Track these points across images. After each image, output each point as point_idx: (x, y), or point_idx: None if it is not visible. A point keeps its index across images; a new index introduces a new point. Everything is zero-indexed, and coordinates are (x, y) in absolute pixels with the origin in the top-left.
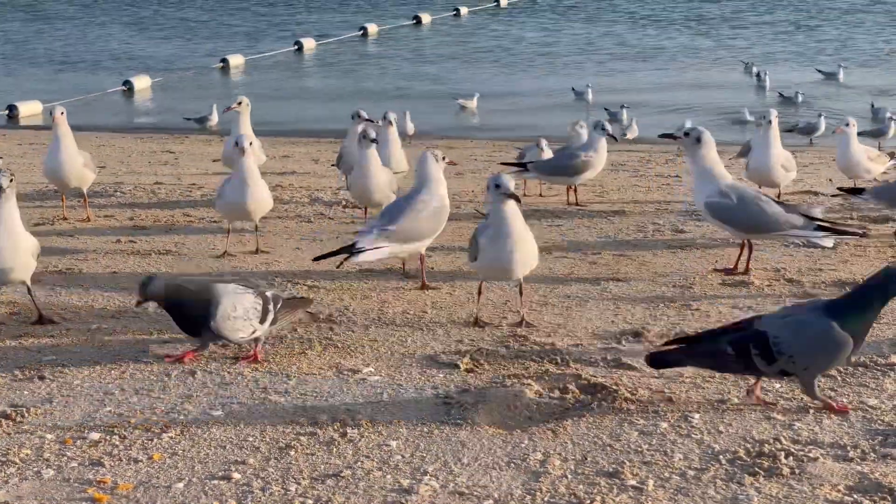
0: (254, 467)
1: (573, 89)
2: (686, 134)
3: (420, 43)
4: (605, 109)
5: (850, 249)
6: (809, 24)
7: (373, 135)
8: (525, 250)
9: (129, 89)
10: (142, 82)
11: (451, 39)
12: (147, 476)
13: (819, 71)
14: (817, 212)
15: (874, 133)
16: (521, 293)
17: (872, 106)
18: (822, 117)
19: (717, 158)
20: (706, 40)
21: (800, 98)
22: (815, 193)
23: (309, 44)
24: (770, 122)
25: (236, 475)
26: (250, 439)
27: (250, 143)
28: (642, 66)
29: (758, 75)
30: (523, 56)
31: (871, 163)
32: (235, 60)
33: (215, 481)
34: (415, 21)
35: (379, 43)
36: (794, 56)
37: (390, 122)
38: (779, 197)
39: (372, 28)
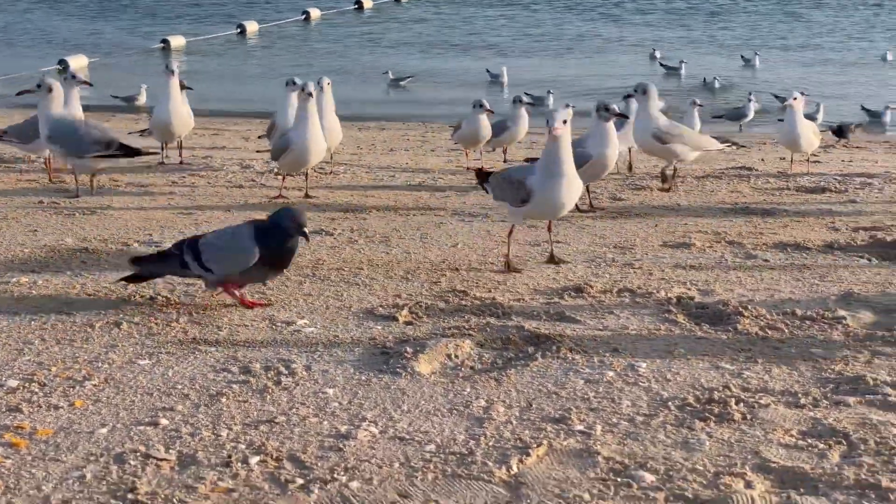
0: (183, 414)
1: (488, 71)
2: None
3: (360, 27)
4: (527, 94)
5: (790, 215)
6: (716, 13)
7: (310, 87)
8: (577, 187)
9: (64, 69)
10: (78, 62)
11: (391, 23)
12: (68, 422)
13: (742, 57)
14: None
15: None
16: (550, 229)
17: (776, 97)
18: (752, 102)
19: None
20: (622, 28)
21: (717, 84)
22: (750, 169)
23: (252, 27)
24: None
25: (164, 421)
26: (179, 387)
27: (177, 66)
28: (560, 51)
29: (666, 66)
30: (444, 38)
31: (814, 137)
32: (176, 42)
33: (141, 427)
34: (356, 6)
35: (321, 27)
36: (695, 43)
37: (322, 89)
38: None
39: (314, 12)
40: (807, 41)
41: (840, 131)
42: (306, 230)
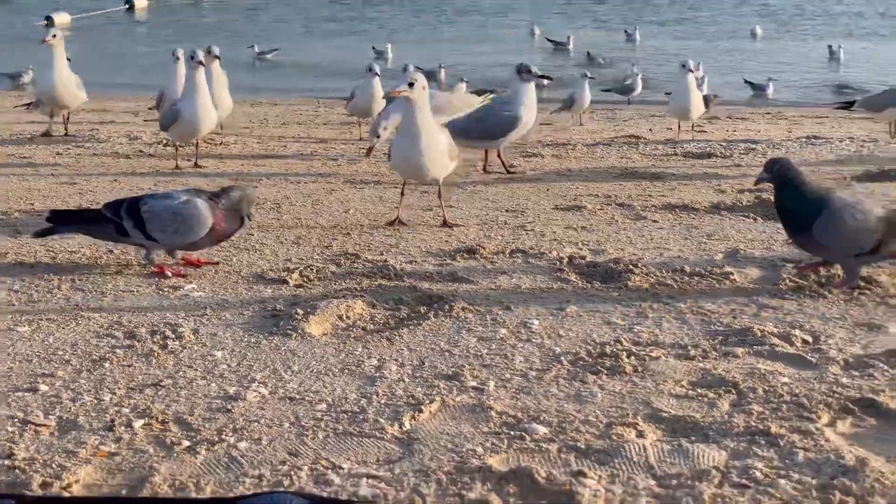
0: (63, 379)
1: (374, 48)
2: None
3: (248, 2)
4: (418, 69)
5: (678, 179)
6: None
7: (200, 56)
8: (433, 147)
9: None
10: None
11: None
12: None
13: (626, 32)
14: None
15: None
16: (440, 196)
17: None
18: (639, 76)
19: None
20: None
21: (601, 59)
22: (638, 137)
23: (140, 3)
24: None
25: (43, 387)
26: (60, 353)
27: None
28: (441, 27)
29: (554, 41)
30: (329, 14)
31: (701, 106)
32: (60, 18)
33: (19, 393)
34: None
35: (212, 3)
36: (573, 18)
37: (216, 57)
38: None
39: None
40: (680, 16)
41: (703, 102)
42: (251, 215)
